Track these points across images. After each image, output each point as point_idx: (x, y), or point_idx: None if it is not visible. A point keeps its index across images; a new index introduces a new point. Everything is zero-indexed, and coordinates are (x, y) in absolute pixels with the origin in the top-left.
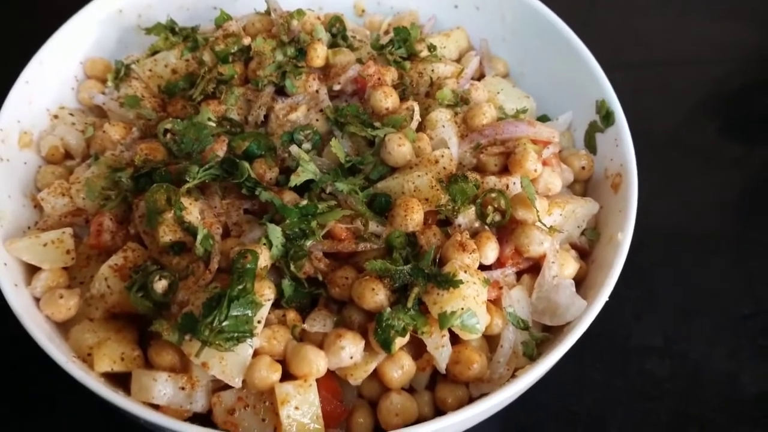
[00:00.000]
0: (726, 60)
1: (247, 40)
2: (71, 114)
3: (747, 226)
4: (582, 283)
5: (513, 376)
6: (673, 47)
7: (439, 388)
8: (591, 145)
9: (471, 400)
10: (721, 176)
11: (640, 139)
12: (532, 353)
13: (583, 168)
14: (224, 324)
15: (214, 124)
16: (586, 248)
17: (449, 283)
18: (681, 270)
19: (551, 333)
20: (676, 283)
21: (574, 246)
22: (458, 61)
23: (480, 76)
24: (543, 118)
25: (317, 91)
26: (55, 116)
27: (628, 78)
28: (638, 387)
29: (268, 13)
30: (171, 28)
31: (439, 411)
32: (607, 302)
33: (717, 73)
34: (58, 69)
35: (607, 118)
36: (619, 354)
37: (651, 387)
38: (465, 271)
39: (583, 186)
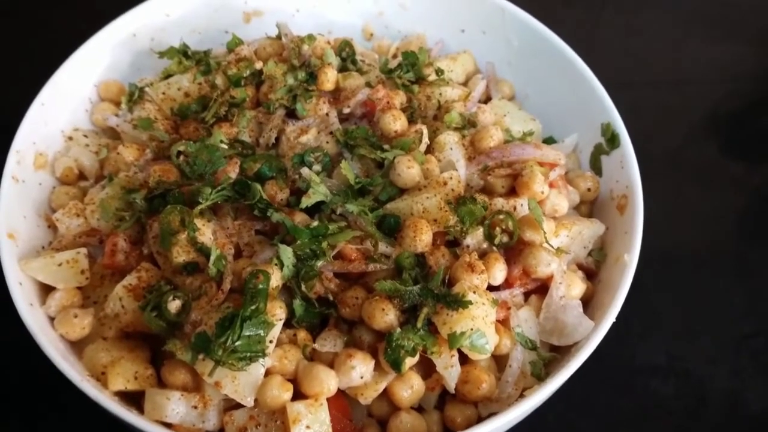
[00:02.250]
0: (726, 80)
1: (258, 64)
2: (85, 136)
3: (749, 245)
4: (589, 303)
5: (521, 395)
6: (673, 68)
7: (448, 408)
8: (597, 167)
9: (480, 419)
10: (722, 195)
11: (642, 158)
12: (540, 373)
13: (589, 189)
14: (237, 344)
15: (226, 146)
16: (593, 269)
17: (458, 303)
18: (683, 289)
19: (559, 353)
20: (678, 302)
21: (581, 267)
22: (465, 84)
23: (487, 99)
24: (549, 140)
25: (327, 114)
26: (70, 138)
27: (629, 98)
28: (643, 406)
29: (279, 37)
30: (184, 51)
31: (447, 430)
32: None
33: (717, 94)
34: (73, 91)
35: (613, 140)
36: (623, 373)
37: (656, 406)
38: (474, 292)
39: (589, 207)
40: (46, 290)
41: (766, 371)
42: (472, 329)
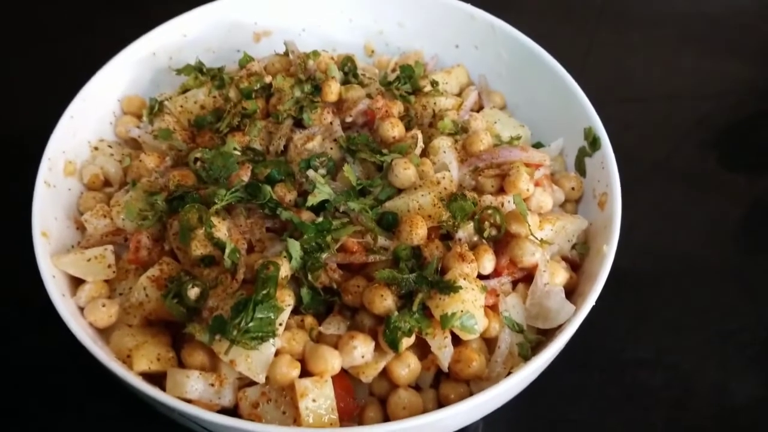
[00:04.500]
0: (720, 95)
1: (268, 79)
2: (110, 146)
3: (740, 249)
4: (573, 292)
5: (509, 374)
6: (667, 83)
7: (443, 386)
8: (581, 169)
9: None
10: (714, 203)
11: (636, 167)
12: (527, 354)
13: (573, 189)
14: (250, 325)
15: (239, 153)
16: (577, 261)
17: (450, 288)
18: (674, 289)
19: (545, 336)
20: (668, 300)
21: (565, 259)
22: (459, 95)
23: (479, 108)
24: (537, 145)
25: (331, 123)
26: (96, 148)
27: (624, 111)
28: (632, 396)
29: (286, 54)
30: (199, 68)
31: (442, 407)
32: (602, 317)
33: (711, 108)
34: (99, 105)
35: (594, 143)
36: (613, 366)
37: (645, 396)
38: (464, 279)
39: (574, 205)
40: (76, 283)
41: (752, 365)
42: (462, 311)
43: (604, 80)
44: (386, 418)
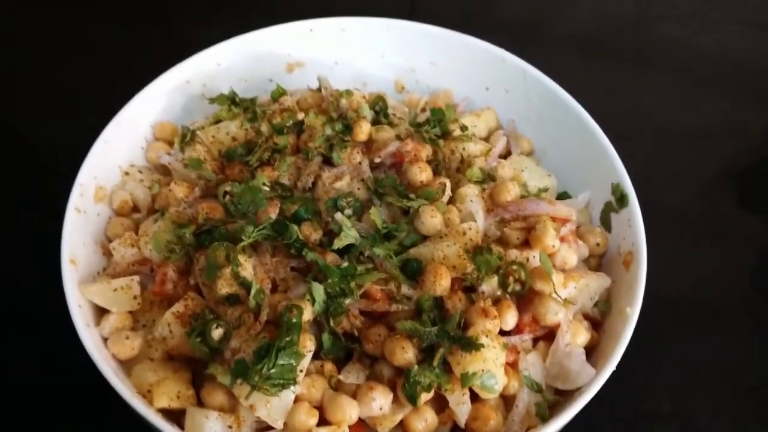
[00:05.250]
0: (739, 137)
1: (300, 115)
2: (140, 171)
3: (760, 300)
4: (594, 351)
5: None
6: (686, 123)
7: None
8: (606, 223)
9: None
10: (733, 250)
11: (654, 210)
12: (545, 414)
13: (598, 244)
14: (272, 371)
15: (268, 188)
16: (598, 319)
17: (472, 346)
18: (691, 340)
19: (563, 396)
20: (685, 352)
21: (587, 316)
22: (487, 138)
23: (507, 153)
24: (563, 195)
25: (360, 163)
26: (126, 173)
27: (642, 152)
28: None
29: (319, 90)
30: (232, 98)
31: None
32: (617, 369)
33: (731, 150)
34: (132, 130)
35: (622, 200)
36: (628, 418)
37: None
38: (486, 336)
39: (597, 261)
40: (100, 313)
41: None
42: (483, 370)
43: (624, 120)
44: None
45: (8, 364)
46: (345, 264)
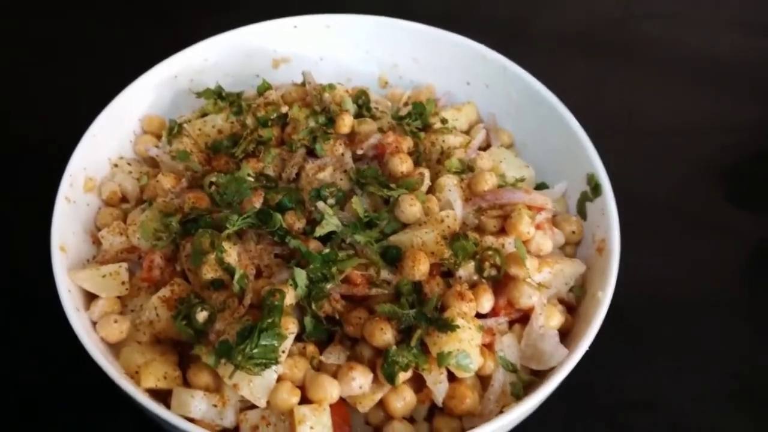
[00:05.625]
0: (724, 133)
1: (284, 108)
2: (129, 163)
3: (742, 288)
4: (568, 334)
5: (501, 411)
6: (672, 120)
7: (436, 420)
8: (582, 212)
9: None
10: (719, 244)
11: (640, 203)
12: (519, 393)
13: (573, 232)
14: (254, 351)
15: (252, 179)
16: (573, 303)
17: (448, 327)
18: (674, 330)
19: (537, 377)
20: (668, 343)
21: (562, 301)
22: (468, 131)
23: (487, 146)
24: (542, 185)
25: (343, 155)
26: (115, 165)
27: (631, 148)
28: None
29: (303, 84)
30: (219, 93)
31: None
32: (599, 358)
33: (716, 146)
34: (120, 124)
35: (596, 189)
36: (608, 407)
37: None
38: (462, 318)
39: (573, 248)
40: (90, 298)
41: (744, 410)
42: (458, 350)
43: (611, 116)
44: None
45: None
46: (327, 250)
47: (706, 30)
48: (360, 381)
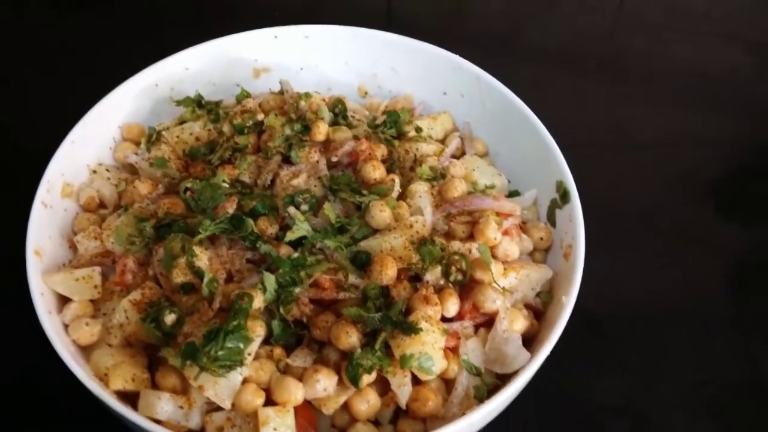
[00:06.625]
0: (707, 146)
1: (261, 116)
2: (107, 170)
3: (720, 300)
4: (535, 338)
5: (464, 415)
6: (659, 132)
7: (400, 423)
8: (552, 219)
9: None
10: (698, 255)
11: (620, 216)
12: (483, 396)
13: (542, 239)
14: (219, 353)
15: (227, 185)
16: (540, 309)
17: (411, 329)
18: (649, 339)
19: (502, 381)
20: (643, 351)
21: (528, 306)
22: (443, 140)
23: (461, 154)
24: (514, 193)
25: (317, 162)
26: (94, 171)
27: (614, 159)
28: None
29: (281, 93)
30: (198, 101)
31: None
32: (573, 366)
33: (699, 159)
34: (100, 131)
35: (564, 197)
36: (581, 412)
37: None
38: (427, 321)
39: (542, 254)
40: (63, 301)
41: (717, 416)
42: (421, 353)
43: (596, 129)
44: None
45: None
46: (296, 255)
47: (689, 45)
48: (324, 383)
